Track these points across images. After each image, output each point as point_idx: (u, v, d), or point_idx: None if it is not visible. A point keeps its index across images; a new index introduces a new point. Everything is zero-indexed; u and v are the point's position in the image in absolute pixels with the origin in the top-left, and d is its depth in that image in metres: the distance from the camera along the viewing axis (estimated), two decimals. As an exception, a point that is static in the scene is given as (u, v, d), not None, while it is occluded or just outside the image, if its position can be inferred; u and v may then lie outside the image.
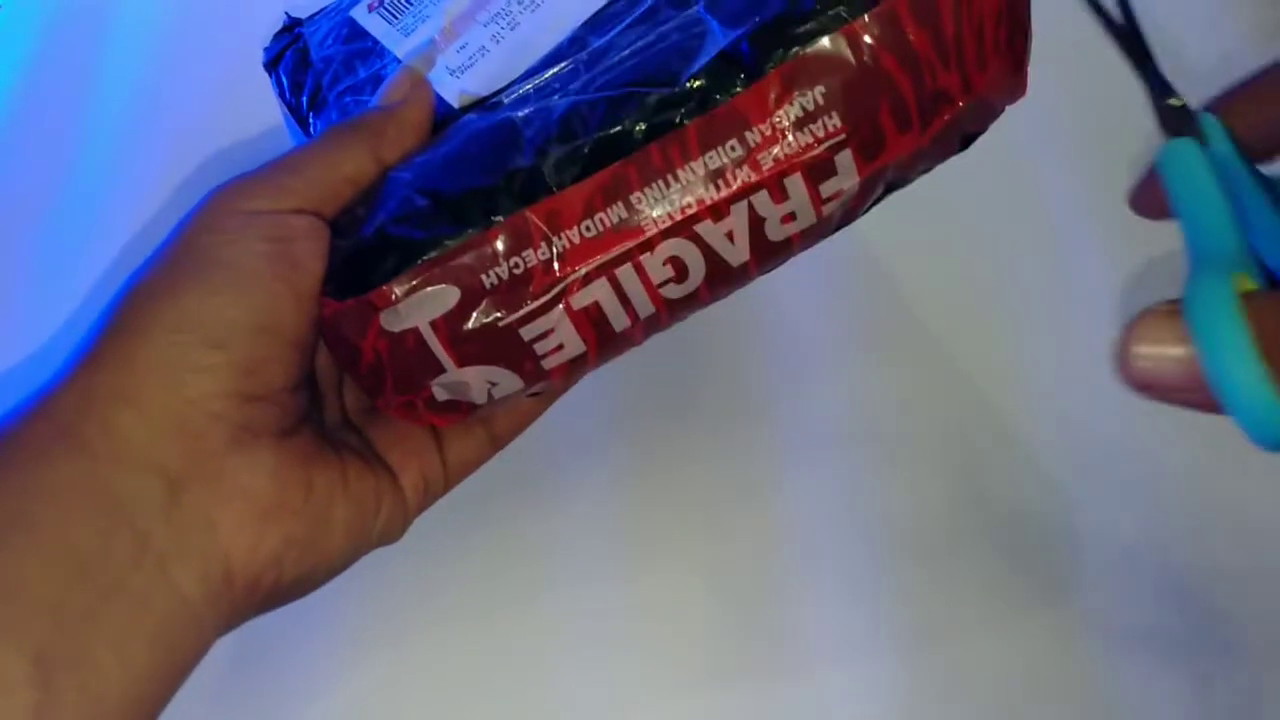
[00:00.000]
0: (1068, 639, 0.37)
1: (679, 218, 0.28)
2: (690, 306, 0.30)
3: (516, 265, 0.28)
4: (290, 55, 0.38)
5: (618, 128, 0.28)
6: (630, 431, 0.41)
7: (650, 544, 0.39)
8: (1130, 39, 0.28)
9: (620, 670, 0.37)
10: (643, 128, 0.28)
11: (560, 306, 0.28)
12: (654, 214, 0.28)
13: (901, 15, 0.28)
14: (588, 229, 0.28)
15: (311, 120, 0.36)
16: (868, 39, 0.27)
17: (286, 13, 0.39)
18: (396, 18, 0.36)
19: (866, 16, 0.27)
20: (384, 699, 0.37)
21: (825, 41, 0.27)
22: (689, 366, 0.42)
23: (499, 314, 0.28)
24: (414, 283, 0.27)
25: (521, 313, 0.28)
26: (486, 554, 0.39)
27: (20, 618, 0.23)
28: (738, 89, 0.28)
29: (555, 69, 0.31)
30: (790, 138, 0.28)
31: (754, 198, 0.28)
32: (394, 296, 0.28)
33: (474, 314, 0.28)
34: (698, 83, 0.28)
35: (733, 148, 0.28)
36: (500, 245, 0.28)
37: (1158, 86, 0.27)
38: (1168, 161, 0.26)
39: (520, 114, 0.29)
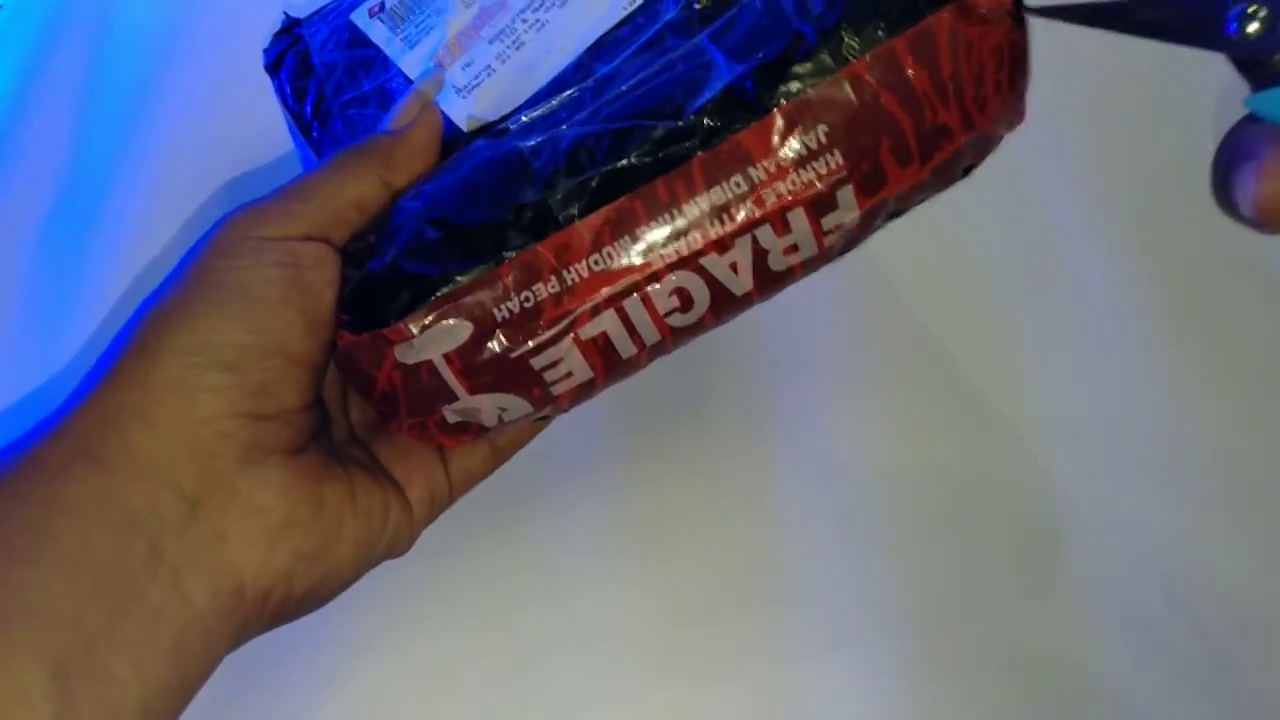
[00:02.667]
0: (1065, 622, 0.39)
1: (685, 251, 0.29)
2: (694, 333, 0.31)
3: (527, 299, 0.28)
4: (291, 58, 0.38)
5: (624, 161, 0.29)
6: (631, 442, 0.42)
7: (648, 551, 0.40)
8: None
9: (618, 668, 0.38)
10: (648, 162, 0.29)
11: (569, 337, 0.29)
12: (661, 248, 0.29)
13: (901, 55, 0.28)
14: (596, 262, 0.29)
15: (315, 132, 0.36)
16: (869, 79, 0.28)
17: (285, 12, 0.39)
18: (398, 26, 0.36)
19: (868, 56, 0.28)
20: (382, 705, 0.38)
21: (828, 81, 0.28)
22: (690, 379, 0.43)
23: (510, 346, 0.29)
24: (428, 319, 0.28)
25: (532, 344, 0.29)
26: (487, 562, 0.40)
27: (41, 631, 0.24)
28: (742, 126, 0.28)
29: (561, 96, 0.31)
30: (793, 174, 0.28)
31: (757, 231, 0.29)
32: (409, 332, 0.28)
33: (486, 346, 0.29)
34: (703, 118, 0.29)
35: (737, 184, 0.28)
36: (511, 280, 0.28)
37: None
38: None
39: (528, 144, 0.30)
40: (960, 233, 0.45)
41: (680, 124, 0.29)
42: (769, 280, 0.30)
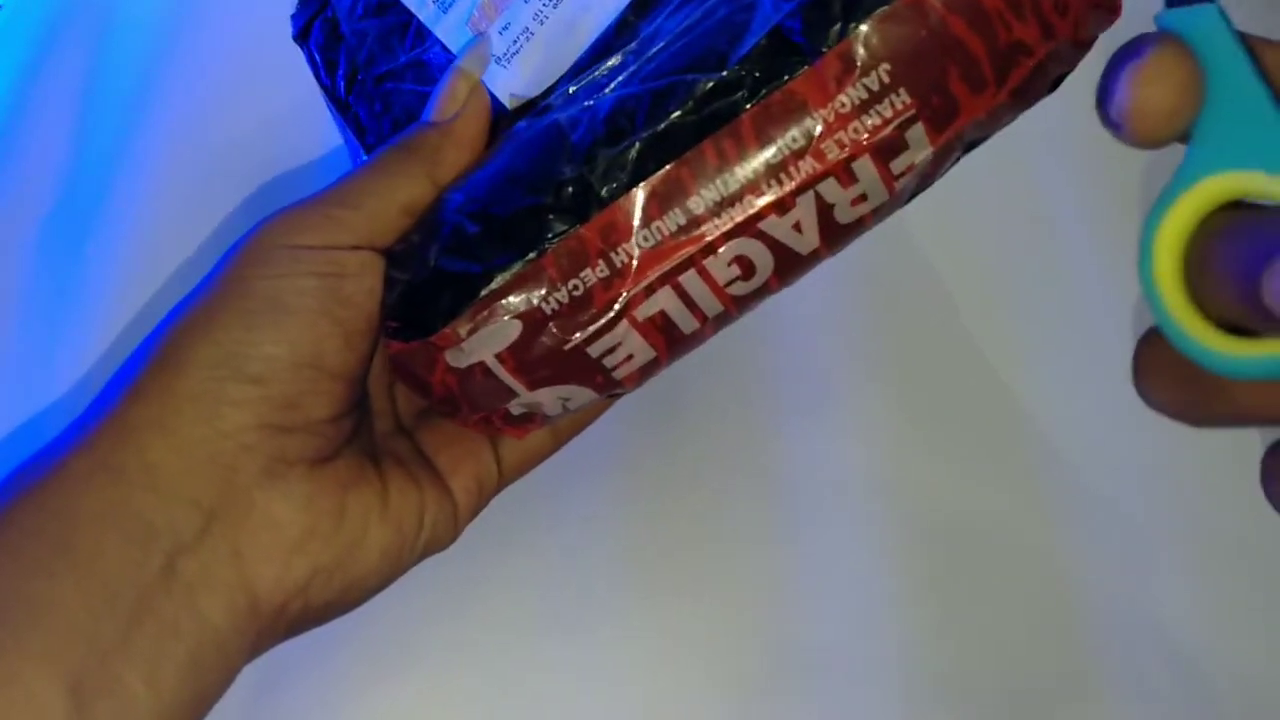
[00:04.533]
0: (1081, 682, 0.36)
1: (741, 218, 0.26)
2: (760, 298, 0.29)
3: (575, 287, 0.27)
4: (319, 27, 0.36)
5: (665, 123, 0.26)
6: (639, 460, 0.40)
7: (660, 575, 0.38)
8: None
9: (627, 697, 0.36)
10: (692, 121, 0.26)
11: (625, 321, 0.27)
12: (714, 217, 0.26)
13: None
14: (645, 239, 0.26)
15: (354, 106, 0.35)
16: (933, 3, 0.25)
17: None
18: (430, -15, 0.34)
19: None
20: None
21: (886, 12, 0.25)
22: (694, 396, 0.40)
23: (564, 338, 0.27)
24: (475, 322, 0.27)
25: (586, 333, 0.27)
26: (501, 581, 0.38)
27: (58, 644, 0.24)
28: (793, 73, 0.26)
29: (606, 64, 0.29)
30: (855, 121, 0.26)
31: (820, 186, 0.26)
32: (456, 337, 0.27)
33: (538, 342, 0.27)
34: (749, 67, 0.26)
35: (793, 139, 0.26)
36: (556, 270, 0.27)
37: None
38: (1197, 29, 0.21)
39: (566, 115, 0.28)
40: (968, 244, 0.42)
41: (724, 75, 0.26)
42: (837, 234, 0.28)
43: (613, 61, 0.29)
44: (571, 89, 0.29)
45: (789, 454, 0.39)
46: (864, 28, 0.25)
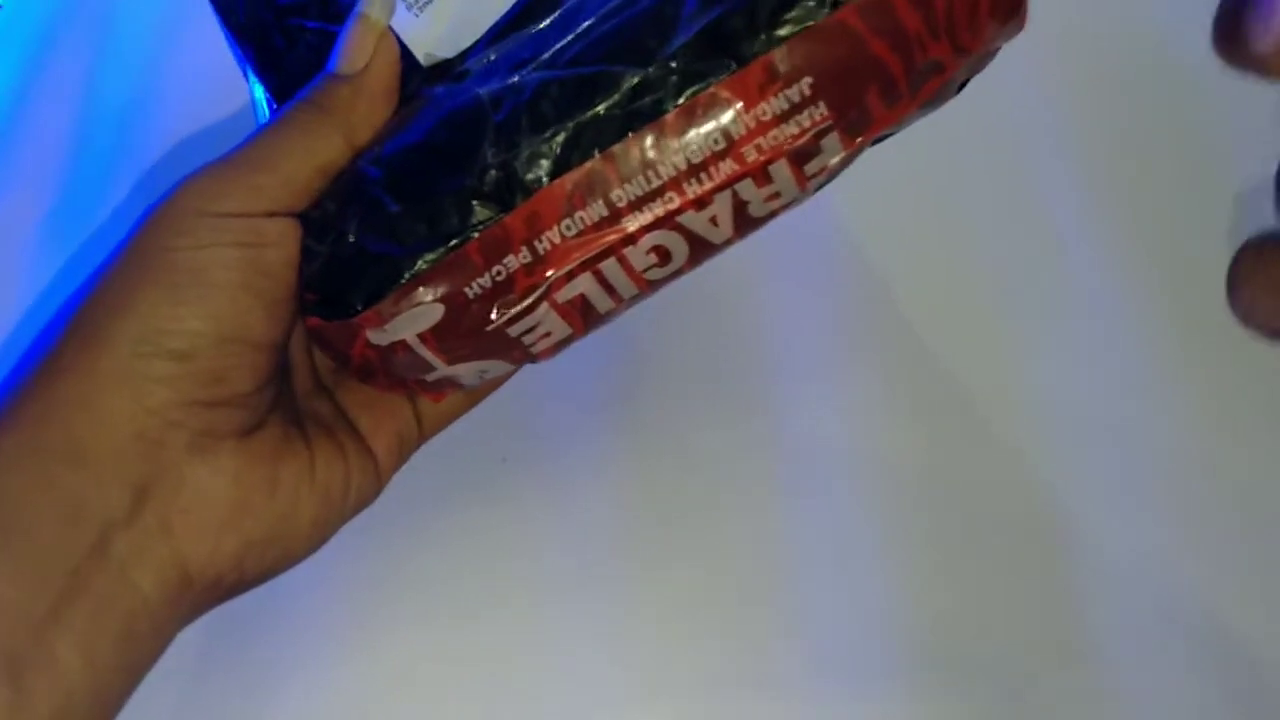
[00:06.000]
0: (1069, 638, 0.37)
1: (661, 212, 0.27)
2: (672, 279, 0.30)
3: (499, 273, 0.27)
4: None
5: (590, 114, 0.27)
6: (632, 430, 0.40)
7: (637, 547, 0.38)
8: None
9: (606, 671, 0.37)
10: (618, 115, 0.27)
11: (545, 304, 0.28)
12: (636, 210, 0.27)
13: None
14: (568, 228, 0.27)
15: (256, 38, 0.33)
16: (859, 25, 0.26)
17: None
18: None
19: (858, 1, 0.26)
20: (347, 705, 0.37)
21: (813, 28, 0.26)
22: (686, 366, 0.41)
23: (485, 319, 0.28)
24: (398, 305, 0.27)
25: (507, 315, 0.28)
26: (470, 549, 0.39)
27: None
28: (719, 76, 0.26)
29: (528, 31, 0.29)
30: (776, 130, 0.27)
31: (738, 186, 0.27)
32: (379, 319, 0.27)
33: (460, 323, 0.28)
34: (677, 66, 0.26)
35: (715, 141, 0.27)
36: (480, 257, 0.27)
37: None
38: None
39: (487, 90, 0.28)
40: (952, 221, 0.43)
41: (651, 71, 0.27)
42: (749, 225, 0.29)
43: (534, 29, 0.29)
44: (491, 55, 0.29)
45: (781, 423, 0.40)
46: (791, 40, 0.26)
